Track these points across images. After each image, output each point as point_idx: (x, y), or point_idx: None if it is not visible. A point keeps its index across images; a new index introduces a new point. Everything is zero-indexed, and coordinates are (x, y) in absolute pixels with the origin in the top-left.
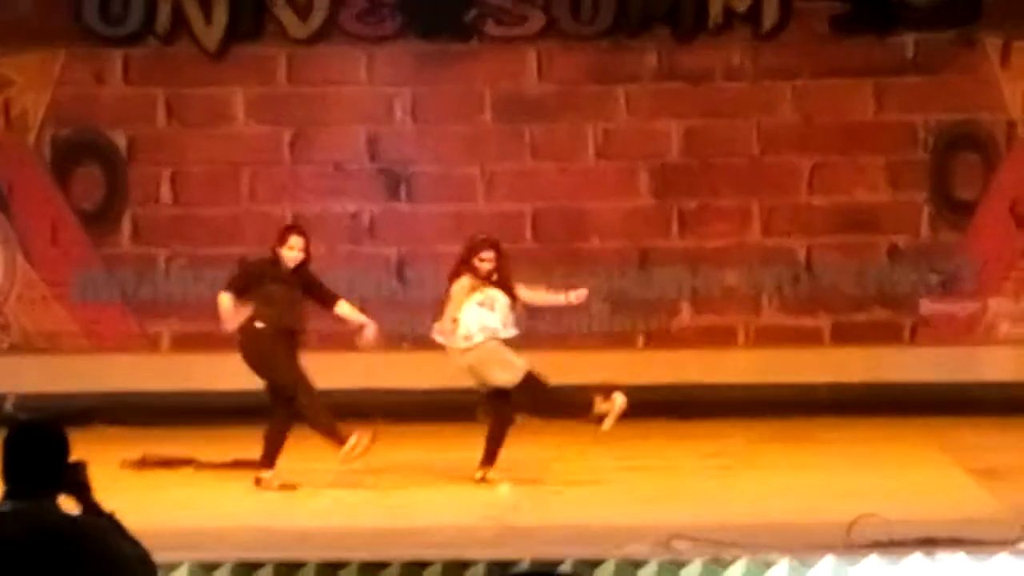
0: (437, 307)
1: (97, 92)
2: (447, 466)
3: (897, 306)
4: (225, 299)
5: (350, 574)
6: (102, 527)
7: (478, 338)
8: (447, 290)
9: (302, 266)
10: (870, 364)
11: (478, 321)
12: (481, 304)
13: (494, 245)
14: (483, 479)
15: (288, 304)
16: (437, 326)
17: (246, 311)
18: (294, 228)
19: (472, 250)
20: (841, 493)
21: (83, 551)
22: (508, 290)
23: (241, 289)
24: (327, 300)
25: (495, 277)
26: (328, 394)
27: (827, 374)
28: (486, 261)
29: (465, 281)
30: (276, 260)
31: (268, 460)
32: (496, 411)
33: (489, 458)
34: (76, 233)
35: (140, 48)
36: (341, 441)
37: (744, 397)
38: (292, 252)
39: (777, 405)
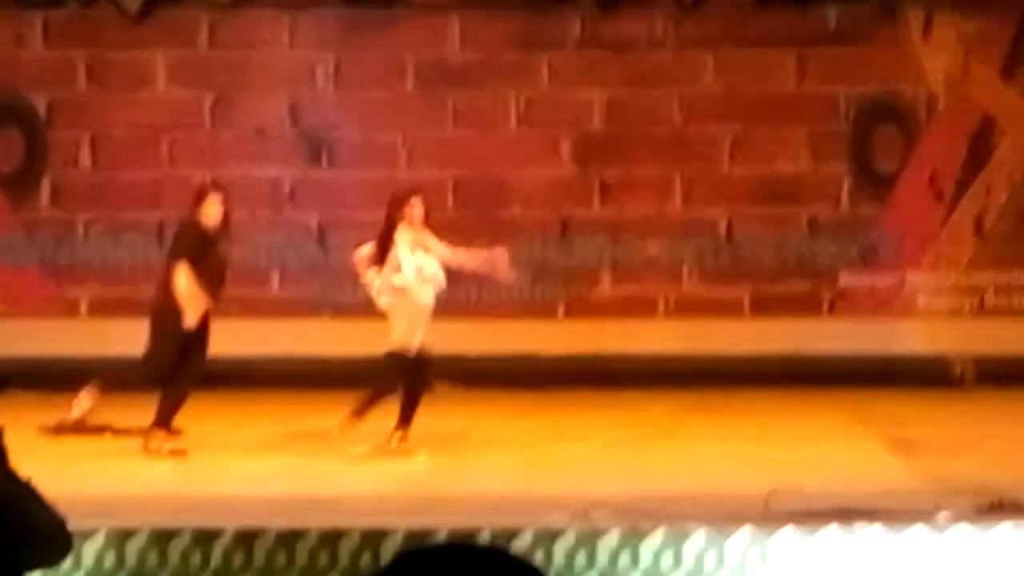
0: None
1: (17, 54)
2: (366, 435)
3: (817, 278)
4: (183, 277)
5: (267, 542)
6: (18, 494)
7: (407, 280)
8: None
9: (222, 229)
10: (789, 335)
11: (414, 266)
12: (415, 247)
13: (419, 193)
14: (400, 442)
15: (217, 273)
16: (371, 272)
17: (205, 298)
18: (209, 185)
19: (401, 199)
20: (759, 464)
21: None
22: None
23: (188, 258)
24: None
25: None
26: (248, 361)
27: (747, 345)
28: (418, 207)
29: (405, 232)
30: (199, 224)
31: (161, 424)
32: (411, 374)
33: (404, 421)
34: None
35: (60, 10)
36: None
37: (664, 367)
38: (215, 206)
39: (697, 375)
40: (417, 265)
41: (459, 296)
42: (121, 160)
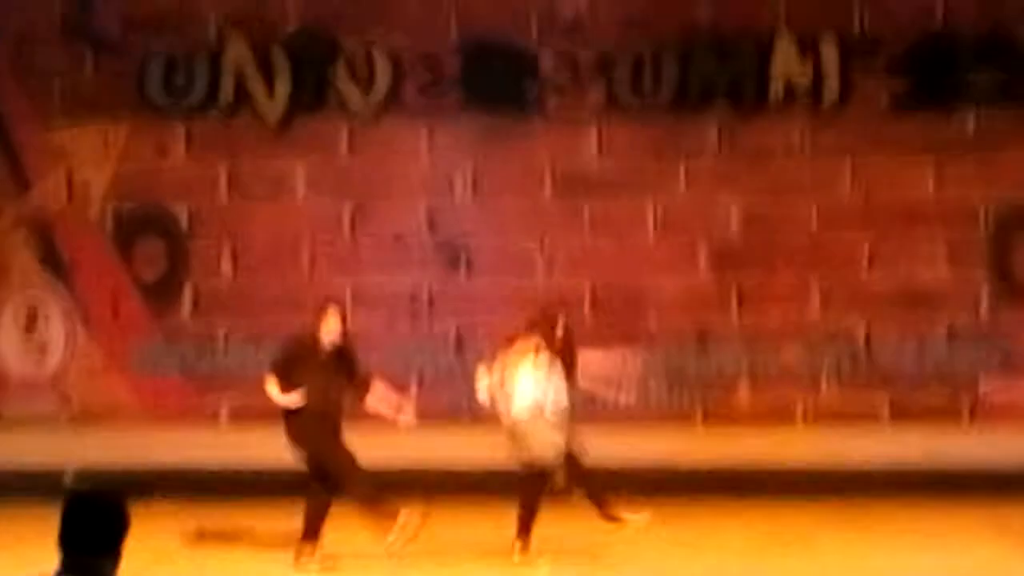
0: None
1: (159, 165)
2: (505, 544)
3: (956, 386)
4: (271, 387)
5: None
6: None
7: (522, 414)
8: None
9: (341, 345)
10: (929, 444)
11: (530, 394)
12: (536, 376)
13: (558, 312)
14: (521, 552)
15: (326, 387)
16: (486, 385)
17: (298, 395)
18: (330, 304)
19: (548, 318)
20: (899, 575)
21: None
22: (570, 367)
23: (282, 372)
24: (360, 385)
25: (561, 350)
26: (383, 471)
27: (885, 454)
28: (562, 333)
29: (531, 342)
30: (315, 339)
31: (310, 538)
32: (525, 485)
33: (524, 530)
34: (137, 305)
35: (202, 121)
36: (389, 520)
37: (802, 476)
38: (328, 330)
39: (835, 485)
40: (535, 398)
41: (596, 404)
42: (261, 269)
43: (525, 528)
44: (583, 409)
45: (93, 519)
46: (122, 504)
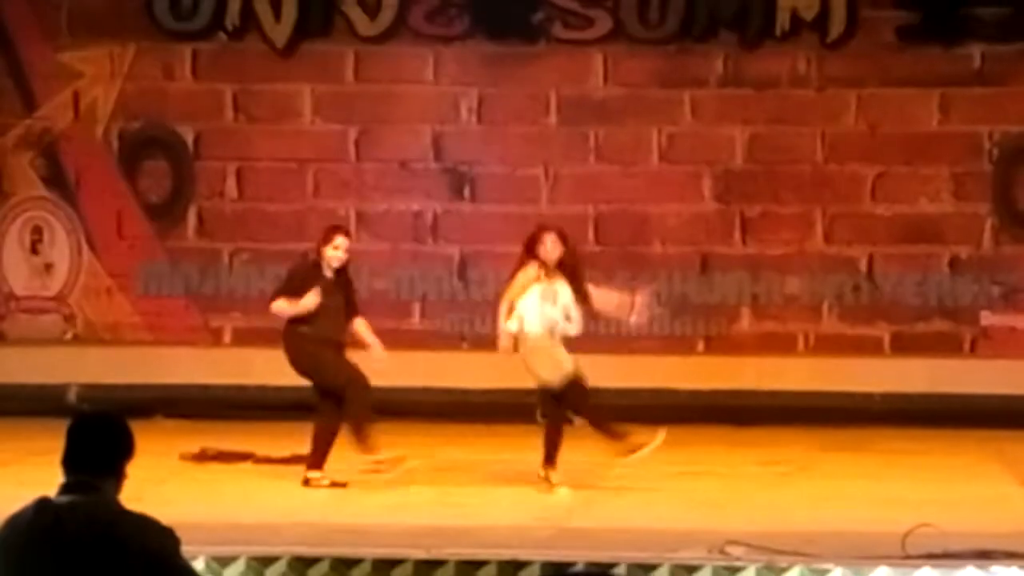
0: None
1: (165, 86)
2: (504, 467)
3: (958, 317)
4: (280, 303)
5: (405, 571)
6: (159, 529)
7: (534, 330)
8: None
9: (344, 268)
10: (930, 375)
11: (537, 312)
12: (544, 297)
13: (560, 234)
14: (546, 479)
15: (332, 312)
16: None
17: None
18: (339, 228)
19: (536, 237)
20: (897, 503)
21: (140, 548)
22: (577, 285)
23: (288, 294)
24: (351, 311)
25: (562, 268)
26: (384, 393)
27: (886, 383)
28: (553, 249)
29: (531, 269)
30: (319, 262)
31: (317, 460)
32: (550, 412)
33: (549, 459)
34: (142, 226)
35: (209, 43)
36: (369, 449)
37: (803, 404)
38: (337, 252)
39: (835, 413)
40: (546, 316)
41: (598, 331)
42: (266, 191)
43: (549, 456)
44: (585, 337)
45: (96, 439)
46: (125, 425)
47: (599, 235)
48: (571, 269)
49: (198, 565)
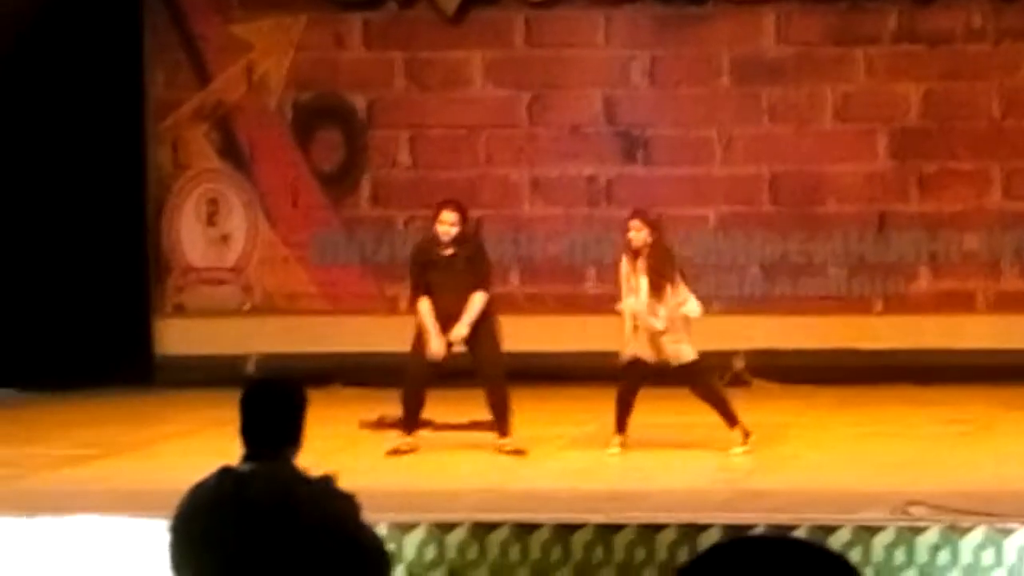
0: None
1: (337, 56)
2: (681, 430)
3: None
4: (423, 307)
5: (585, 536)
6: (339, 495)
7: (635, 314)
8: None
9: (463, 240)
10: None
11: (643, 296)
12: (629, 289)
13: (642, 216)
14: (745, 439)
15: (448, 289)
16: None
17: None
18: (448, 202)
19: (626, 222)
20: None
21: (322, 513)
22: (658, 275)
23: (418, 287)
24: (477, 281)
25: (646, 255)
26: (565, 356)
27: None
28: (632, 232)
29: (624, 260)
30: (437, 239)
31: (503, 427)
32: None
33: (731, 420)
34: (316, 195)
35: (379, 12)
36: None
37: (983, 363)
38: (443, 227)
39: (1017, 371)
40: (644, 300)
41: (775, 292)
42: (439, 159)
43: (620, 423)
44: (762, 297)
45: (272, 407)
46: (299, 390)
47: (774, 196)
48: (656, 263)
49: (379, 532)
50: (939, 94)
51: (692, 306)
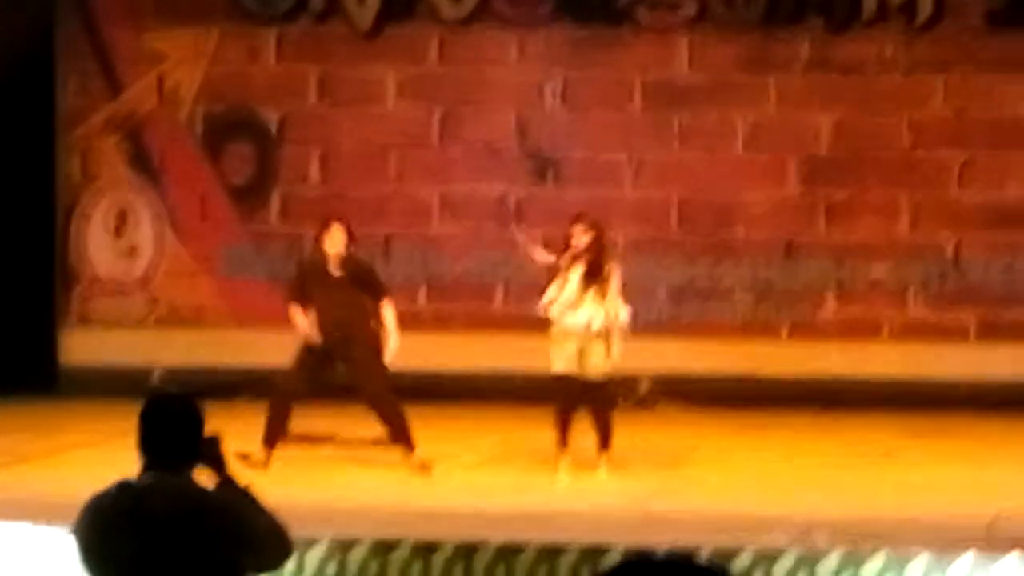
0: None
1: (250, 70)
2: (587, 452)
3: None
4: (296, 315)
5: (487, 556)
6: (238, 501)
7: (571, 327)
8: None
9: (348, 259)
10: (1016, 361)
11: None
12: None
13: (587, 221)
14: (608, 463)
15: (336, 308)
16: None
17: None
18: (334, 219)
19: (570, 231)
20: (983, 489)
21: (220, 524)
22: (600, 277)
23: (297, 297)
24: (376, 295)
25: (587, 260)
26: (472, 375)
27: (972, 370)
28: (577, 236)
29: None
30: (323, 257)
31: (405, 443)
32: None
33: (604, 444)
34: (225, 209)
35: (294, 27)
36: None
37: (888, 391)
38: (332, 248)
39: (921, 400)
40: (582, 312)
41: (682, 316)
42: (350, 175)
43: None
44: (669, 322)
45: (170, 422)
46: (196, 405)
47: (683, 220)
48: (595, 264)
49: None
50: (850, 123)
51: (623, 313)
